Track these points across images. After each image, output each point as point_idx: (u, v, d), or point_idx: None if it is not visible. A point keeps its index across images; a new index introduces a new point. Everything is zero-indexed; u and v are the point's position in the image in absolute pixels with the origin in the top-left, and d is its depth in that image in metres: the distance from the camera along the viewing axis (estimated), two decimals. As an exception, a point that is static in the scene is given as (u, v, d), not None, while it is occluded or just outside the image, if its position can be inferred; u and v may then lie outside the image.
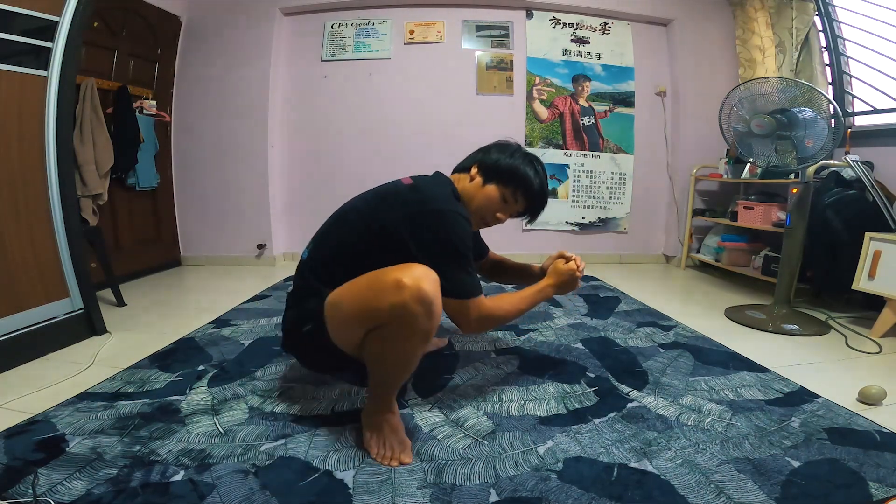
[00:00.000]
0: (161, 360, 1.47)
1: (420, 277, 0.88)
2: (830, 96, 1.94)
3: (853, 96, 2.56)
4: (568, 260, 1.28)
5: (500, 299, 1.14)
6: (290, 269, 2.89)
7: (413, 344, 0.93)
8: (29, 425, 1.06)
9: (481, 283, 1.13)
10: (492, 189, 1.17)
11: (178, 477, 0.89)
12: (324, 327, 1.00)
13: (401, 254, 1.01)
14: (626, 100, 3.18)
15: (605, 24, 3.13)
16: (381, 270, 0.93)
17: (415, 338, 0.91)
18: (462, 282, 1.04)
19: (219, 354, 1.52)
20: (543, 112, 3.14)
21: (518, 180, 1.18)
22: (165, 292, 2.46)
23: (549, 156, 3.15)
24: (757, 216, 2.47)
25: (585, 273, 2.81)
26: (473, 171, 1.20)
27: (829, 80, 2.61)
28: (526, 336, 1.72)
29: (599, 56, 3.14)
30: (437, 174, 1.22)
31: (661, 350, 1.59)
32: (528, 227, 3.18)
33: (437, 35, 3.05)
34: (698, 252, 3.07)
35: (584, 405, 1.20)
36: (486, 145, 1.26)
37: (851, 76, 2.55)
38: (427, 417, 1.14)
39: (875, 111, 2.44)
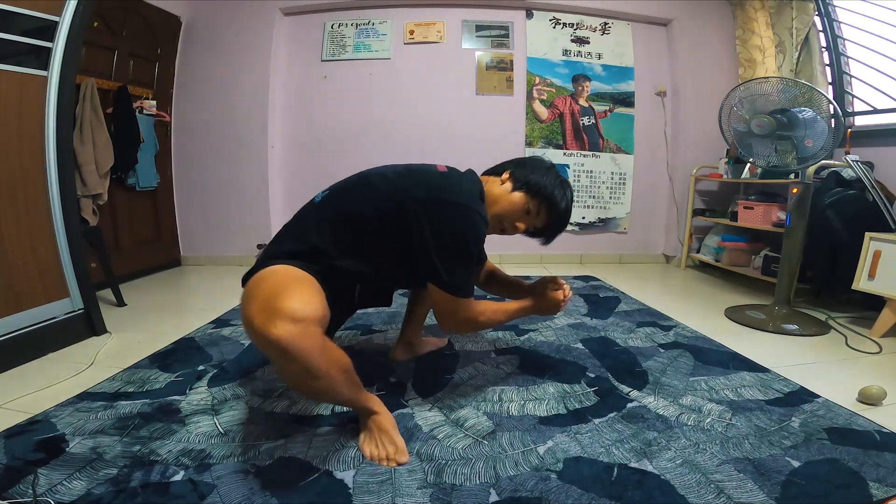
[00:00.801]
0: (161, 360, 1.47)
1: (277, 316, 0.79)
2: (830, 96, 1.94)
3: (853, 96, 2.56)
4: (558, 287, 1.27)
5: (486, 305, 1.13)
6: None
7: (304, 382, 0.86)
8: (29, 425, 1.06)
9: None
10: (518, 197, 1.17)
11: (178, 477, 0.89)
12: None
13: (410, 234, 1.01)
14: (626, 100, 3.18)
15: (605, 24, 3.13)
16: (255, 290, 0.87)
17: (297, 378, 0.85)
18: (461, 280, 1.04)
19: (219, 354, 1.52)
20: (543, 112, 3.13)
21: (546, 196, 1.18)
22: (165, 292, 2.46)
23: (550, 156, 3.14)
24: (757, 216, 2.47)
25: (585, 273, 2.83)
26: (505, 175, 1.20)
27: (829, 80, 2.61)
28: (526, 336, 1.72)
29: (599, 56, 3.14)
30: (470, 171, 1.22)
31: (661, 350, 1.59)
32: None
33: (437, 35, 3.04)
34: (698, 252, 3.06)
35: (584, 405, 1.20)
36: (522, 158, 1.28)
37: (851, 76, 2.55)
38: (427, 417, 1.14)
39: (875, 111, 2.44)
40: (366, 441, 1.00)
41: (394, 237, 1.02)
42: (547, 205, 1.18)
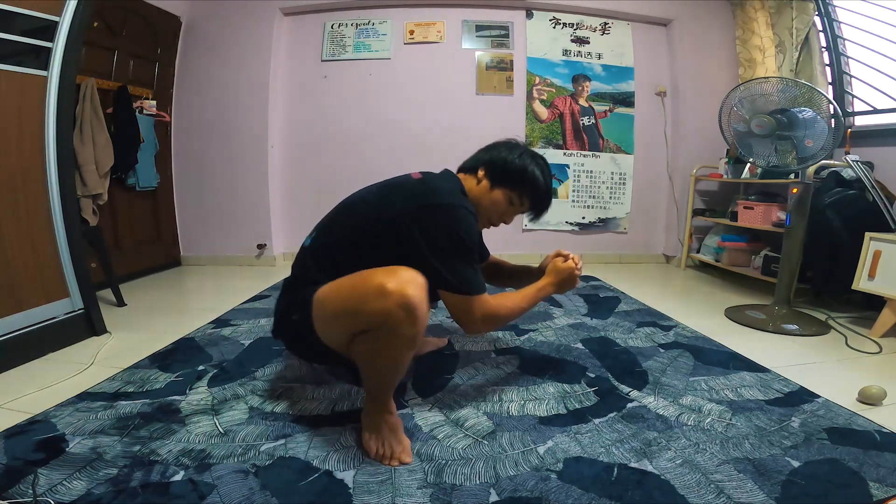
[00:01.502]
0: (161, 360, 1.47)
1: (405, 282, 0.87)
2: (830, 96, 1.94)
3: (853, 96, 2.56)
4: (566, 258, 1.27)
5: (503, 297, 1.13)
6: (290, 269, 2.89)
7: (398, 349, 0.92)
8: (29, 425, 1.06)
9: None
10: (498, 194, 1.18)
11: (178, 477, 0.89)
12: (311, 321, 0.99)
13: (407, 247, 1.01)
14: (626, 100, 3.18)
15: (605, 24, 3.13)
16: (367, 273, 0.92)
17: (399, 343, 0.90)
18: (467, 277, 1.04)
19: (219, 354, 1.52)
20: (543, 112, 3.13)
21: (526, 184, 1.18)
22: (165, 292, 2.46)
23: (549, 156, 3.14)
24: (757, 216, 2.47)
25: (585, 273, 2.83)
26: (480, 173, 1.19)
27: (829, 80, 2.61)
28: (526, 336, 1.72)
29: (599, 56, 3.14)
30: (446, 171, 1.22)
31: (661, 350, 1.59)
32: (529, 226, 3.18)
33: (437, 35, 3.04)
34: (698, 252, 3.06)
35: (584, 405, 1.20)
36: (492, 144, 1.26)
37: (851, 76, 2.55)
38: (427, 417, 1.14)
39: (875, 111, 2.44)
40: (371, 439, 0.99)
41: (392, 254, 1.02)
42: (529, 192, 1.19)
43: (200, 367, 1.41)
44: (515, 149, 1.22)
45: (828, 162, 2.04)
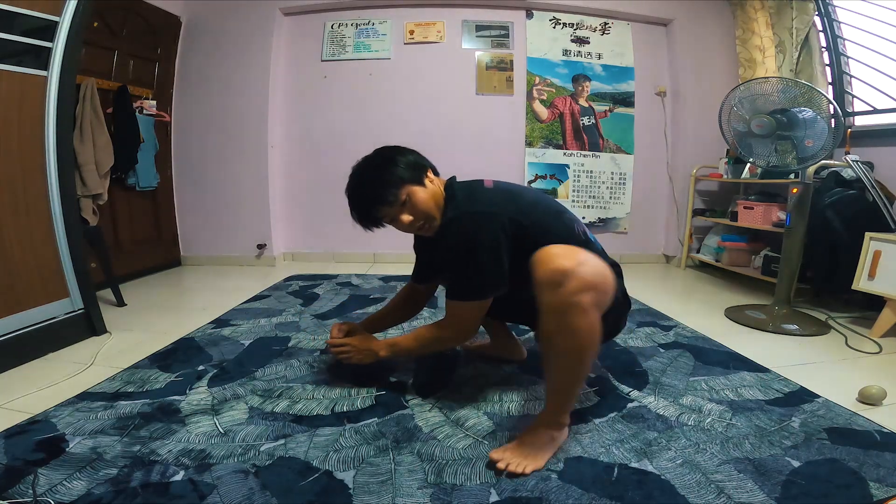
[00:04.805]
0: (161, 360, 1.47)
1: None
2: (830, 96, 1.94)
3: (853, 96, 2.56)
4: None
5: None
6: (291, 269, 2.89)
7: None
8: (29, 425, 1.06)
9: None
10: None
11: (178, 477, 0.89)
12: None
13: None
14: (626, 100, 3.18)
15: (605, 24, 3.13)
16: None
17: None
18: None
19: (219, 354, 1.52)
20: (543, 112, 3.13)
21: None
22: (165, 292, 2.46)
23: (549, 156, 3.15)
24: (757, 216, 2.47)
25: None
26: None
27: (829, 80, 2.61)
28: (526, 336, 1.72)
29: (599, 56, 3.14)
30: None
31: (662, 350, 1.59)
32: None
33: (437, 35, 3.04)
34: (698, 252, 3.06)
35: (585, 405, 1.20)
36: (391, 156, 1.13)
37: (851, 76, 2.55)
38: (427, 417, 1.14)
39: (875, 111, 2.44)
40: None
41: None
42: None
43: (200, 367, 1.41)
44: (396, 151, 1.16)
45: (828, 162, 2.04)
